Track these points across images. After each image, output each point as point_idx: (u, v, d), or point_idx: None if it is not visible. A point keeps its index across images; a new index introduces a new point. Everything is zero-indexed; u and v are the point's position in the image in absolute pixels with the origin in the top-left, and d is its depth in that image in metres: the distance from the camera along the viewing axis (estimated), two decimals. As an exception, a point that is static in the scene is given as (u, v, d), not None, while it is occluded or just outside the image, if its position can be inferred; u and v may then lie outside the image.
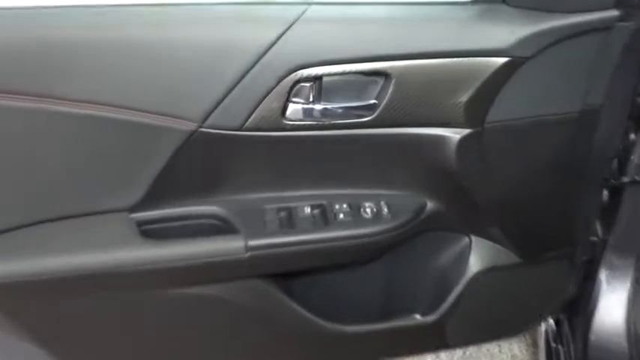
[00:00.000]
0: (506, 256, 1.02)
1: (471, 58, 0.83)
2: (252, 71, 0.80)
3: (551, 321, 1.20)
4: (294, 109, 0.84)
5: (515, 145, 0.92)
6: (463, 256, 1.02)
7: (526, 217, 1.00)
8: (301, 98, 0.84)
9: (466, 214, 0.99)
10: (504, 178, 0.94)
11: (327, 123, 0.86)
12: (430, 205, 0.96)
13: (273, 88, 0.81)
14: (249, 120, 0.83)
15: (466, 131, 0.87)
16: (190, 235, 0.88)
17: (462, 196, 0.94)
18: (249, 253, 0.87)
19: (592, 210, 1.04)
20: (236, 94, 0.81)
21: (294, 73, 0.81)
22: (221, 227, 0.91)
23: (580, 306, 1.07)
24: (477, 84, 0.84)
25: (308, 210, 0.93)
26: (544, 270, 1.08)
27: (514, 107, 0.88)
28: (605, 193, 1.02)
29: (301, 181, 0.93)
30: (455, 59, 0.83)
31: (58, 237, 0.84)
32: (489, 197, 0.95)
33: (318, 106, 0.85)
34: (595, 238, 1.06)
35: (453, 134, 0.87)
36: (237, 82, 0.80)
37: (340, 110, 0.85)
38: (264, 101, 0.82)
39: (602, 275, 1.03)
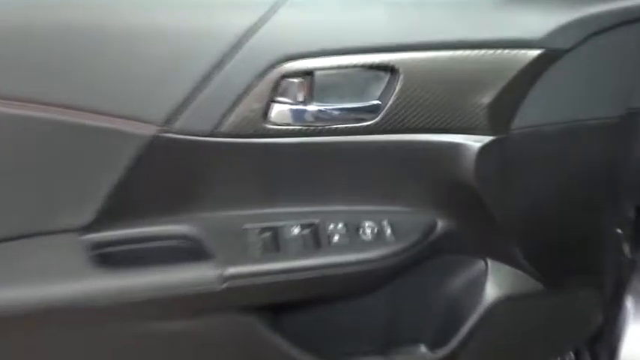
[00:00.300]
0: (527, 283, 0.92)
1: (496, 50, 0.71)
2: (227, 65, 0.68)
3: (570, 352, 1.11)
4: (279, 110, 0.71)
5: (545, 155, 0.81)
6: (478, 282, 0.92)
7: (552, 238, 0.89)
8: (288, 98, 0.71)
9: (483, 234, 0.88)
10: (530, 193, 0.83)
11: (319, 128, 0.74)
12: (441, 224, 0.85)
13: (253, 85, 0.69)
14: (224, 124, 0.70)
15: (488, 139, 0.76)
16: (155, 260, 0.77)
17: (479, 214, 0.83)
18: (225, 284, 0.75)
19: (623, 228, 0.94)
20: (207, 92, 0.69)
21: (278, 67, 0.68)
22: (192, 250, 0.79)
23: (603, 335, 0.99)
24: (504, 82, 0.72)
25: (297, 230, 0.81)
26: (569, 298, 0.98)
27: (546, 110, 0.77)
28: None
29: (289, 196, 0.81)
30: (477, 51, 0.71)
31: None
32: (511, 215, 0.84)
33: (309, 108, 0.72)
34: (622, 259, 0.96)
35: (473, 142, 0.76)
36: (209, 79, 0.68)
37: (336, 112, 0.73)
38: (241, 101, 0.69)
39: (629, 301, 0.94)
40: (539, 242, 0.89)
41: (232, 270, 0.75)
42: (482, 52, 0.71)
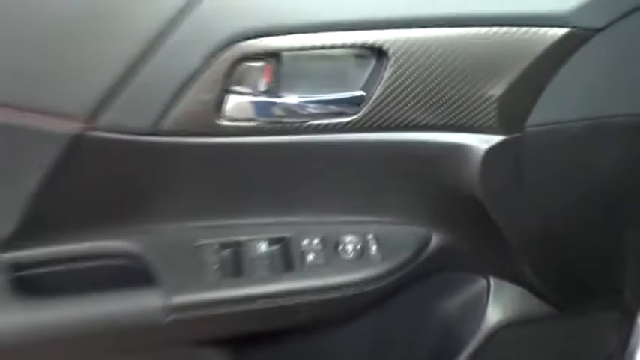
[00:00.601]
0: (535, 305, 0.83)
1: (511, 29, 0.59)
2: (164, 45, 0.54)
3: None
4: (236, 103, 0.58)
5: (566, 158, 0.70)
6: (478, 303, 0.83)
7: (571, 254, 0.79)
8: (247, 87, 0.58)
9: (485, 249, 0.78)
10: (546, 203, 0.72)
11: (288, 125, 0.61)
12: (436, 238, 0.74)
13: (201, 70, 0.55)
14: (166, 119, 0.57)
15: (498, 138, 0.64)
16: (87, 286, 0.65)
17: (482, 226, 0.72)
18: (172, 316, 0.63)
19: None
20: (140, 81, 0.56)
21: (233, 47, 0.55)
22: (133, 273, 0.67)
23: (615, 353, 0.90)
24: (520, 69, 0.60)
25: (264, 247, 0.69)
26: (585, 322, 0.89)
27: (570, 104, 0.66)
28: None
29: (253, 205, 0.69)
30: (487, 29, 0.59)
31: None
32: (522, 229, 0.74)
33: (275, 99, 0.59)
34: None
35: (478, 143, 0.64)
36: (142, 64, 0.55)
37: (309, 106, 0.61)
38: (186, 91, 0.56)
39: None
40: (554, 260, 0.78)
41: (181, 299, 0.63)
42: (494, 30, 0.58)
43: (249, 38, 0.55)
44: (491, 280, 0.82)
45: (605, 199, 0.75)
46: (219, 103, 0.57)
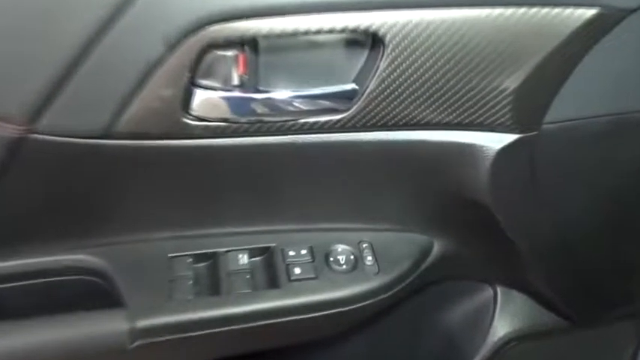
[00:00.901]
0: (545, 317, 0.77)
1: (531, 9, 0.50)
2: (112, 35, 0.45)
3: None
4: (205, 98, 0.50)
5: (585, 157, 0.62)
6: (484, 315, 0.77)
7: (585, 261, 0.71)
8: (218, 79, 0.49)
9: (492, 257, 0.70)
10: (561, 206, 0.65)
11: (269, 124, 0.52)
12: (438, 246, 0.66)
13: (159, 61, 0.47)
14: (121, 120, 0.49)
15: (511, 137, 0.56)
16: (43, 306, 0.56)
17: (489, 233, 0.64)
18: (138, 342, 0.55)
19: None
20: (87, 77, 0.47)
21: (198, 32, 0.46)
22: (96, 291, 0.60)
23: None
24: (540, 56, 0.52)
25: (244, 259, 0.61)
26: (601, 333, 0.82)
27: (593, 97, 0.57)
28: None
29: (232, 211, 0.61)
30: (502, 10, 0.50)
31: None
32: (534, 234, 0.66)
33: (252, 95, 0.50)
34: None
35: (489, 142, 0.56)
36: (88, 54, 0.46)
37: (293, 102, 0.52)
38: (143, 87, 0.47)
39: None
40: (569, 268, 0.71)
41: (148, 322, 0.55)
42: (510, 11, 0.49)
43: (218, 21, 0.46)
44: (499, 290, 0.75)
45: (624, 203, 0.67)
46: (185, 100, 0.48)
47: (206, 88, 0.49)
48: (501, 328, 0.76)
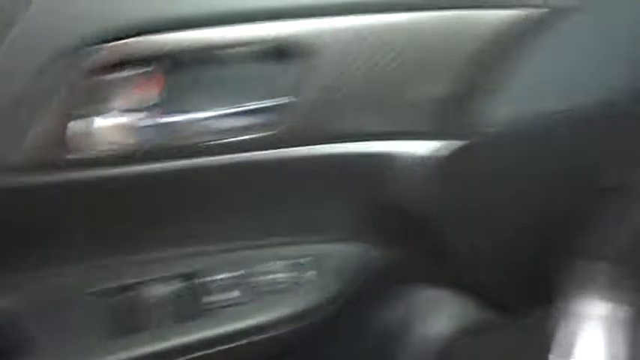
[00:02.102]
0: (485, 315, 0.76)
1: (448, 12, 0.48)
2: None
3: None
4: (102, 125, 0.43)
5: (524, 159, 0.60)
6: (423, 315, 0.76)
7: (523, 258, 0.70)
8: (122, 103, 0.43)
9: (433, 260, 0.68)
10: (499, 210, 0.63)
11: (187, 145, 0.47)
12: (378, 255, 0.63)
13: (32, 88, 0.40)
14: (19, 152, 0.43)
15: (448, 145, 0.53)
16: None
17: (430, 239, 0.63)
18: None
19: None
20: None
21: (81, 53, 0.40)
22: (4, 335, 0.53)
23: None
24: (470, 58, 0.49)
25: (165, 288, 0.56)
26: (535, 328, 0.78)
27: (541, 96, 0.55)
28: None
29: (148, 237, 0.55)
30: (430, 14, 0.47)
31: None
32: (474, 237, 0.65)
33: (162, 118, 0.45)
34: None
35: (425, 150, 0.54)
36: None
37: (210, 121, 0.46)
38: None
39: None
40: (509, 265, 0.71)
41: None
42: (427, 15, 0.47)
43: (108, 40, 0.39)
44: (439, 291, 0.73)
45: (569, 200, 0.66)
46: (79, 129, 0.42)
47: (104, 113, 0.42)
48: (441, 327, 0.76)
